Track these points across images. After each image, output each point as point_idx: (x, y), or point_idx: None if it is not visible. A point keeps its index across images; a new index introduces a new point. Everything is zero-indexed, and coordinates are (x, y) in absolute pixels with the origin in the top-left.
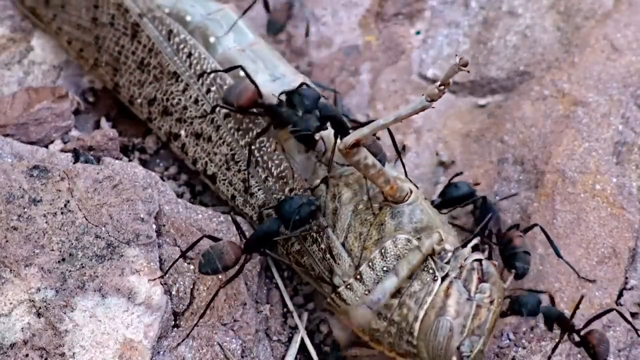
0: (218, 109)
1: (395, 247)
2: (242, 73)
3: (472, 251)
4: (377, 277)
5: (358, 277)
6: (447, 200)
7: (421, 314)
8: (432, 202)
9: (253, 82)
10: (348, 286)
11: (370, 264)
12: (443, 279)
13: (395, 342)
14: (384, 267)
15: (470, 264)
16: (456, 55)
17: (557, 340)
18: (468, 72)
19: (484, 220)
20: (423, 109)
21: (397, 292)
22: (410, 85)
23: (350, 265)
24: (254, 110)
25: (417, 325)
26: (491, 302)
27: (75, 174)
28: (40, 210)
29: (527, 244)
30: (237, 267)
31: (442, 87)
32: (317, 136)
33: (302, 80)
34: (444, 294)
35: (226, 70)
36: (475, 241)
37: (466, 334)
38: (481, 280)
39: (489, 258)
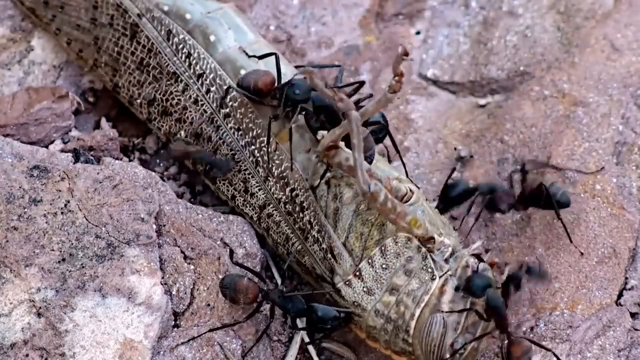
0: (221, 110)
1: (396, 245)
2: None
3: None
4: (376, 274)
5: (357, 274)
6: (449, 199)
7: (417, 312)
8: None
9: (279, 71)
10: (347, 283)
11: (370, 261)
12: (440, 277)
13: (392, 339)
14: (383, 264)
15: (464, 262)
16: (400, 45)
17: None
18: (412, 59)
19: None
20: (388, 100)
21: (395, 290)
22: (410, 85)
23: (351, 265)
24: (269, 98)
25: (413, 323)
26: None
27: (76, 174)
28: (41, 210)
29: (559, 185)
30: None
31: (397, 78)
32: (318, 135)
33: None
34: (439, 291)
35: (260, 57)
36: (477, 244)
37: (460, 331)
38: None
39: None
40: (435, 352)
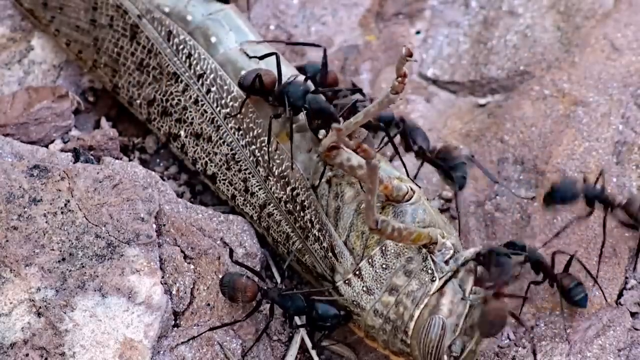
0: (224, 110)
1: (396, 245)
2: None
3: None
4: (376, 274)
5: (357, 273)
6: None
7: (417, 313)
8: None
9: (279, 71)
10: (347, 281)
11: (370, 260)
12: (440, 279)
13: (390, 340)
14: (384, 264)
15: (468, 266)
16: (404, 46)
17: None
18: (415, 60)
19: (412, 138)
20: (390, 101)
21: (394, 290)
22: (410, 85)
23: (352, 264)
24: (270, 97)
25: (412, 325)
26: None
27: (75, 173)
28: (41, 209)
29: (464, 156)
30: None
31: (400, 79)
32: (319, 135)
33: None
34: (439, 293)
35: (261, 57)
36: (479, 247)
37: (458, 333)
38: (476, 282)
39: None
40: (433, 354)
